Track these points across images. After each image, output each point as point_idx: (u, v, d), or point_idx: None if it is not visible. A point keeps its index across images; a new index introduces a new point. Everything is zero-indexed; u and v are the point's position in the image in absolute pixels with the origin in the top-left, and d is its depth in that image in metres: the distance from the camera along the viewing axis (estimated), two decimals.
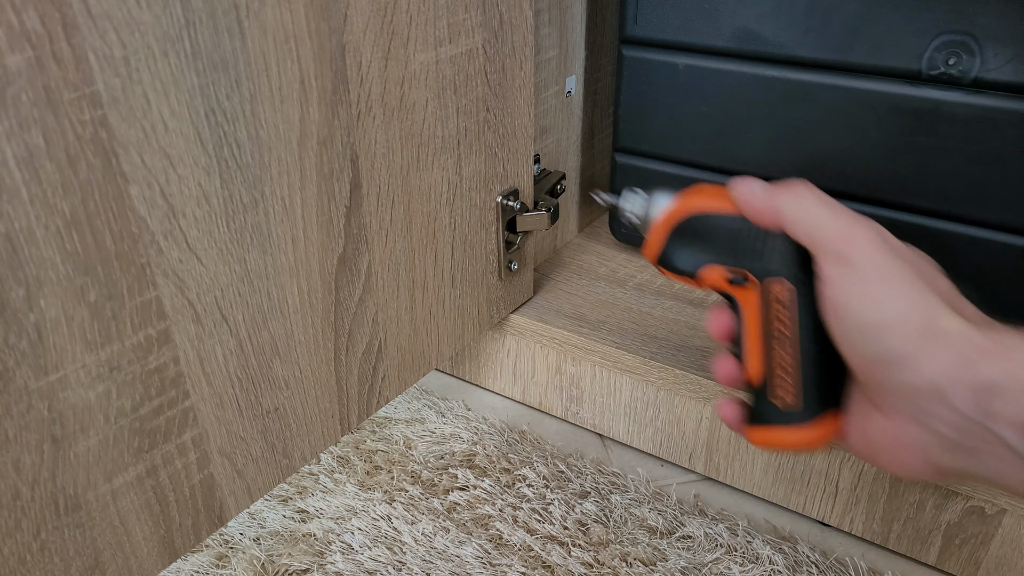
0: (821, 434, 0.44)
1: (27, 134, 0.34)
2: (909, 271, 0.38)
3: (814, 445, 0.44)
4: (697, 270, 0.48)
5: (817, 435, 0.44)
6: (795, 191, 0.43)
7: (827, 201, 0.42)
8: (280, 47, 0.43)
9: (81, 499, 0.41)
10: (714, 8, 0.66)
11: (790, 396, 0.44)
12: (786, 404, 0.45)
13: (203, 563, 0.61)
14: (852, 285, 0.39)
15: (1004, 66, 0.56)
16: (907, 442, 0.38)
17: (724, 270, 0.47)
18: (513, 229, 0.68)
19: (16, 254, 0.35)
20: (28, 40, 0.33)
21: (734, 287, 0.47)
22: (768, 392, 0.45)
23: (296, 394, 0.52)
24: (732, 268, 0.47)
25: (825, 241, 0.41)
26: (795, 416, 0.44)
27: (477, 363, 0.81)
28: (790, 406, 0.44)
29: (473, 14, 0.56)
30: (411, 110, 0.54)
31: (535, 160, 0.70)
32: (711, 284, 0.48)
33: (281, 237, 0.47)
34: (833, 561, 0.61)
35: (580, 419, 0.76)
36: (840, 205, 0.42)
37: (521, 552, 0.61)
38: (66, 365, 0.38)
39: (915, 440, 0.38)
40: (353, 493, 0.67)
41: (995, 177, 0.59)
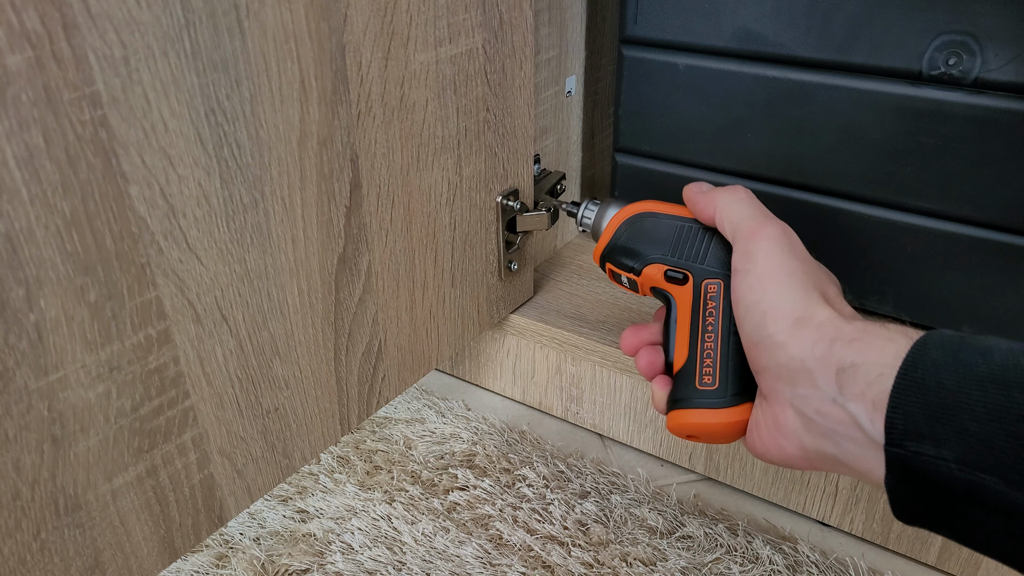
0: (736, 419, 0.47)
1: (27, 134, 0.34)
2: (799, 271, 0.43)
3: (729, 430, 0.47)
4: (642, 268, 0.53)
5: (733, 418, 0.47)
6: (731, 191, 0.49)
7: (753, 203, 0.48)
8: (280, 47, 0.43)
9: (81, 499, 0.41)
10: (714, 8, 0.65)
11: (712, 380, 0.48)
12: (708, 387, 0.48)
13: (203, 563, 0.61)
14: (749, 275, 0.44)
15: (1005, 66, 0.56)
16: (783, 425, 0.42)
17: (666, 268, 0.52)
18: (513, 229, 0.68)
19: (16, 254, 0.35)
20: (28, 40, 0.33)
21: (672, 284, 0.52)
22: (693, 378, 0.49)
23: (296, 394, 0.52)
24: (674, 266, 0.52)
25: (739, 236, 0.46)
26: (715, 399, 0.48)
27: (477, 363, 0.81)
28: (712, 388, 0.48)
29: (473, 14, 0.56)
30: (411, 110, 0.54)
31: (535, 160, 0.70)
32: (652, 282, 0.54)
33: (281, 237, 0.47)
34: (833, 561, 0.61)
35: (580, 419, 0.76)
36: (765, 209, 0.48)
37: (521, 552, 0.61)
38: (66, 365, 0.38)
39: (789, 423, 0.42)
40: (353, 493, 0.67)
41: (996, 177, 0.59)
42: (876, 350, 0.38)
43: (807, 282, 0.42)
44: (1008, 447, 0.33)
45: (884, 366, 0.37)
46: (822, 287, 0.43)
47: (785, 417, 0.42)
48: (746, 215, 0.47)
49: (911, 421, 0.35)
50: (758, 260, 0.44)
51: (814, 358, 0.39)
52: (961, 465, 0.34)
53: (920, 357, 0.36)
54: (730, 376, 0.48)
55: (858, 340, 0.39)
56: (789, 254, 0.44)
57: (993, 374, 0.34)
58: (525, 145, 0.66)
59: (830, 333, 0.40)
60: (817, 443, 0.40)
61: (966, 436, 0.34)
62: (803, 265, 0.44)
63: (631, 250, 0.54)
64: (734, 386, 0.47)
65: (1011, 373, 0.34)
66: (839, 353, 0.39)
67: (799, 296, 0.42)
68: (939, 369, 0.35)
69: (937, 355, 0.36)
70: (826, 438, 0.40)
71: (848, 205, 0.66)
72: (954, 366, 0.35)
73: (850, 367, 0.38)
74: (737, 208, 0.48)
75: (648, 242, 0.54)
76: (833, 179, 0.66)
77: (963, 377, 0.35)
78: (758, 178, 0.70)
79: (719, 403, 0.48)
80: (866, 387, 0.37)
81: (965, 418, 0.34)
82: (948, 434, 0.34)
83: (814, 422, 0.40)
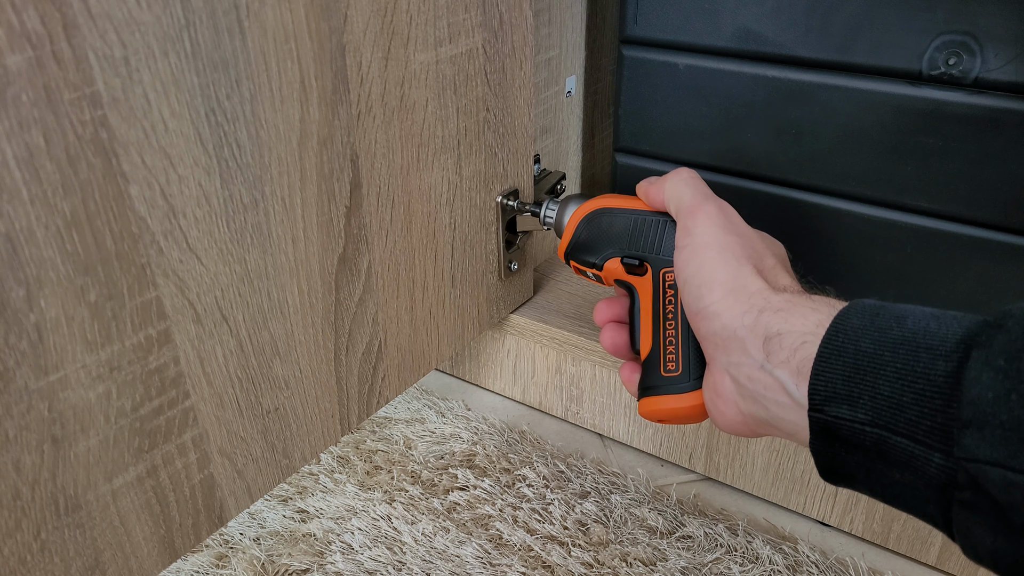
0: (701, 401, 0.49)
1: (27, 134, 0.34)
2: (734, 244, 0.45)
3: (694, 412, 0.49)
4: (603, 262, 0.56)
5: (697, 400, 0.49)
6: (675, 175, 0.51)
7: (693, 183, 0.50)
8: (280, 47, 0.43)
9: (81, 499, 0.41)
10: (714, 8, 0.65)
11: (676, 366, 0.50)
12: (672, 374, 0.50)
13: (203, 563, 0.61)
14: (686, 249, 0.47)
15: (1005, 66, 0.56)
16: (721, 392, 0.45)
17: (625, 258, 0.54)
18: (513, 229, 0.68)
19: (16, 254, 0.35)
20: (28, 40, 0.33)
21: (632, 276, 0.54)
22: (658, 365, 0.51)
23: (296, 394, 0.52)
24: (632, 258, 0.54)
25: (680, 215, 0.49)
26: (679, 384, 0.50)
27: (477, 363, 0.81)
28: (675, 375, 0.50)
29: (473, 14, 0.56)
30: (411, 110, 0.54)
31: (535, 160, 0.70)
32: (614, 275, 0.56)
33: (281, 237, 0.47)
34: (833, 561, 0.61)
35: (580, 419, 0.76)
36: (706, 188, 0.50)
37: (521, 552, 0.61)
38: (66, 365, 0.38)
39: (728, 390, 0.44)
40: (353, 493, 0.67)
41: (996, 177, 0.59)
42: (800, 318, 0.40)
43: (740, 255, 0.45)
44: (912, 404, 0.35)
45: (807, 334, 0.39)
46: (757, 259, 0.45)
47: (724, 383, 0.44)
48: (687, 195, 0.49)
49: (831, 386, 0.37)
50: (695, 235, 0.47)
51: (744, 327, 0.42)
52: (872, 424, 0.36)
53: (842, 325, 0.38)
54: (691, 360, 0.50)
55: (784, 310, 0.41)
56: (724, 229, 0.46)
57: (904, 337, 0.36)
58: (525, 145, 0.66)
59: (759, 303, 0.42)
60: (751, 408, 0.43)
61: (878, 397, 0.36)
62: (738, 239, 0.46)
63: (591, 246, 0.56)
64: (696, 369, 0.49)
65: (920, 336, 0.36)
66: (766, 322, 0.41)
67: (732, 268, 0.44)
68: (858, 335, 0.37)
69: (856, 322, 0.38)
70: (757, 403, 0.42)
71: (848, 205, 0.66)
72: (871, 331, 0.37)
73: (776, 335, 0.40)
74: (679, 189, 0.50)
75: (606, 237, 0.55)
76: (833, 179, 0.66)
77: (878, 341, 0.37)
78: (758, 178, 0.70)
79: (683, 388, 0.49)
80: (791, 354, 0.39)
81: (878, 380, 0.36)
82: (863, 396, 0.36)
83: (746, 388, 0.42)
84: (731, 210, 0.48)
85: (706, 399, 0.47)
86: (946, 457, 0.34)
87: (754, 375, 0.42)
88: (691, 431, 0.68)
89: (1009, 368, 0.33)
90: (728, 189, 0.72)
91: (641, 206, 0.54)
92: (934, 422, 0.34)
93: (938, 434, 0.34)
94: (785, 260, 0.49)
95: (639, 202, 0.55)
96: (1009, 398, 0.32)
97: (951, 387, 0.34)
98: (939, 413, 0.34)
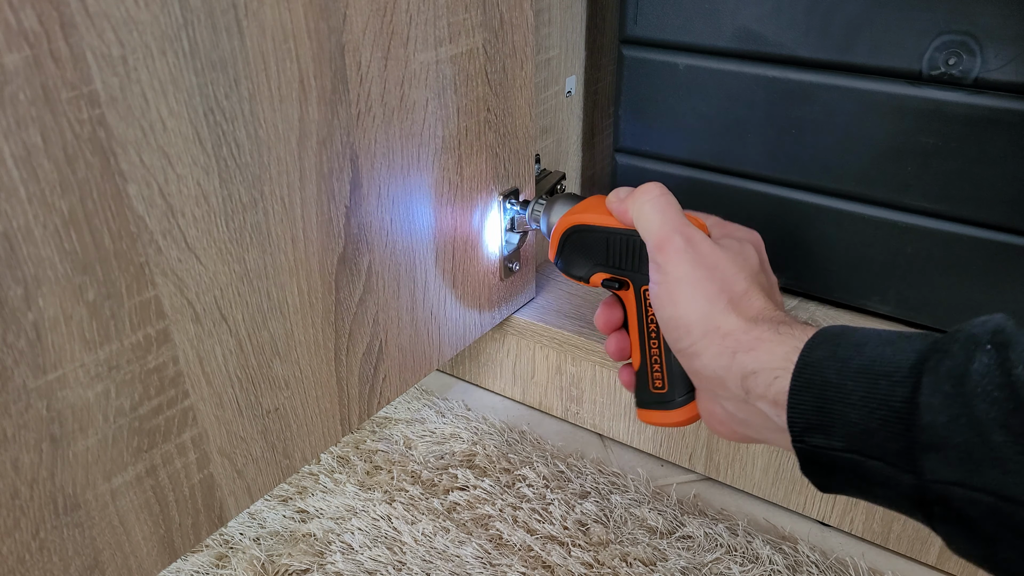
0: (689, 415, 0.51)
1: (25, 133, 0.34)
2: (703, 280, 0.46)
3: (684, 423, 0.51)
4: (588, 277, 0.55)
5: (686, 416, 0.51)
6: (640, 195, 0.50)
7: (662, 206, 0.49)
8: (279, 46, 0.43)
9: (80, 498, 0.41)
10: (714, 8, 0.65)
11: (662, 384, 0.52)
12: (660, 391, 0.52)
13: (203, 563, 0.61)
14: (662, 289, 0.47)
15: (1005, 66, 0.56)
16: (715, 415, 0.47)
17: (606, 276, 0.54)
18: (514, 229, 0.68)
19: (14, 252, 0.35)
20: (26, 39, 0.33)
21: (617, 290, 0.54)
22: (647, 381, 0.53)
23: (296, 394, 0.52)
24: (612, 274, 0.54)
25: (649, 246, 0.48)
26: (668, 401, 0.52)
27: (477, 363, 0.80)
28: (662, 392, 0.52)
29: (473, 14, 0.56)
30: (411, 110, 0.54)
31: (535, 160, 0.70)
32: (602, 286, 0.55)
33: (281, 237, 0.47)
34: (833, 561, 0.61)
35: (580, 419, 0.75)
36: (673, 210, 0.48)
37: (521, 552, 0.61)
38: (65, 364, 0.38)
39: (719, 414, 0.47)
40: (353, 493, 0.67)
41: (996, 177, 0.59)
42: (768, 355, 0.42)
43: (711, 291, 0.45)
44: (878, 430, 0.37)
45: (777, 369, 0.41)
46: (728, 289, 0.45)
47: (715, 409, 0.47)
48: (653, 224, 0.48)
49: (805, 418, 0.39)
50: (667, 272, 0.47)
51: (723, 368, 0.44)
52: (848, 451, 0.38)
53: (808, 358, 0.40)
54: (675, 379, 0.51)
55: (755, 349, 0.43)
56: (692, 264, 0.46)
57: (864, 365, 0.38)
58: (526, 145, 0.66)
59: (731, 345, 0.43)
60: (744, 429, 0.45)
61: (848, 425, 0.38)
62: (707, 272, 0.46)
63: (575, 261, 0.56)
64: (682, 387, 0.51)
65: (878, 364, 0.38)
66: (740, 362, 0.43)
67: (704, 309, 0.45)
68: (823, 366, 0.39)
69: (821, 353, 0.40)
70: (748, 427, 0.45)
71: (848, 205, 0.66)
72: (834, 361, 0.39)
73: (751, 374, 0.42)
74: (645, 216, 0.49)
75: (587, 254, 0.55)
76: (833, 179, 0.66)
77: (841, 371, 0.39)
78: (758, 178, 0.70)
79: (671, 405, 0.51)
80: (766, 389, 0.42)
81: (846, 409, 0.38)
82: (835, 424, 0.38)
83: (736, 416, 0.45)
84: (698, 237, 0.47)
85: (702, 415, 0.49)
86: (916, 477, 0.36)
87: (740, 407, 0.44)
88: (691, 431, 0.68)
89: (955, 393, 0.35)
90: (728, 189, 0.72)
91: (616, 222, 0.53)
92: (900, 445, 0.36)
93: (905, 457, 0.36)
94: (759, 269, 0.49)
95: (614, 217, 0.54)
96: (959, 421, 0.34)
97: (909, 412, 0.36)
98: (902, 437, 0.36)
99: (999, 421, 0.33)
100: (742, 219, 0.70)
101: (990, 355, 0.35)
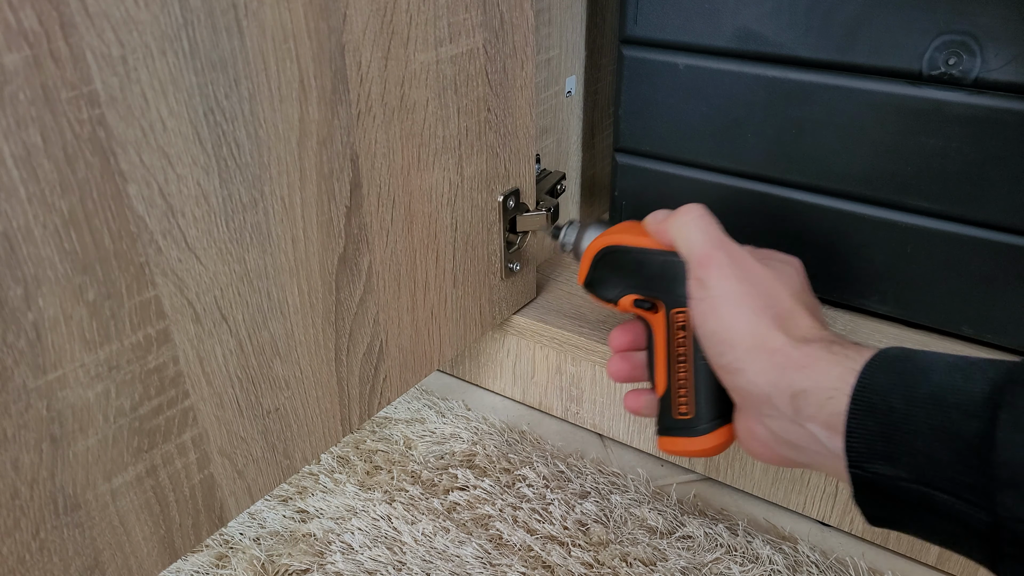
0: (715, 443, 0.50)
1: (25, 133, 0.34)
2: (749, 295, 0.45)
3: (709, 453, 0.50)
4: (617, 299, 0.55)
5: (712, 444, 0.50)
6: (682, 215, 0.50)
7: (702, 225, 0.49)
8: (279, 46, 0.43)
9: (80, 499, 0.41)
10: (714, 8, 0.65)
11: (688, 410, 0.51)
12: (684, 417, 0.51)
13: (203, 563, 0.61)
14: (705, 304, 0.46)
15: (1005, 66, 0.56)
16: (758, 436, 0.45)
17: (637, 298, 0.54)
18: (514, 229, 0.68)
19: (14, 252, 0.35)
20: (25, 39, 0.33)
21: (646, 312, 0.54)
22: (672, 407, 0.52)
23: (297, 394, 0.52)
24: (643, 296, 0.53)
25: (691, 263, 0.48)
26: (692, 427, 0.50)
27: (477, 363, 0.80)
28: (688, 418, 0.50)
29: (473, 14, 0.56)
30: (411, 110, 0.54)
31: (535, 160, 0.70)
32: (630, 310, 0.55)
33: (281, 237, 0.47)
34: (833, 561, 0.61)
35: (580, 419, 0.75)
36: (715, 229, 0.48)
37: (521, 552, 0.61)
38: (65, 364, 0.38)
39: (762, 435, 0.45)
40: (353, 493, 0.67)
41: (996, 177, 0.59)
42: (822, 374, 0.41)
43: (757, 306, 0.45)
44: (951, 463, 0.35)
45: (831, 389, 0.40)
46: (774, 306, 0.45)
47: (758, 430, 0.45)
48: (696, 241, 0.48)
49: (867, 444, 0.38)
50: (710, 288, 0.46)
51: (770, 384, 0.42)
52: (914, 481, 0.37)
53: (868, 381, 0.39)
54: (703, 404, 0.50)
55: (806, 367, 0.41)
56: (737, 279, 0.46)
57: (933, 394, 0.37)
58: (527, 145, 0.66)
59: (780, 361, 0.42)
60: (788, 452, 0.44)
61: (916, 455, 0.36)
62: (752, 288, 0.45)
63: (605, 283, 0.56)
64: (708, 413, 0.50)
65: (949, 393, 0.36)
66: (790, 379, 0.42)
67: (750, 323, 0.44)
68: (887, 391, 0.38)
69: (883, 378, 0.39)
70: (794, 449, 0.43)
71: (848, 205, 0.66)
72: (900, 387, 0.38)
73: (801, 392, 0.41)
74: (687, 233, 0.49)
75: (619, 275, 0.55)
76: (833, 179, 0.66)
77: (908, 398, 0.37)
78: (758, 178, 0.70)
79: (697, 431, 0.50)
80: (818, 409, 0.40)
81: (913, 438, 0.37)
82: (900, 453, 0.37)
83: (781, 437, 0.43)
84: (742, 254, 0.47)
85: (740, 438, 0.48)
86: (991, 515, 0.34)
87: (787, 427, 0.42)
88: None
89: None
90: (728, 189, 0.71)
91: (652, 243, 0.53)
92: (974, 480, 0.35)
93: (979, 492, 0.34)
94: (802, 289, 0.48)
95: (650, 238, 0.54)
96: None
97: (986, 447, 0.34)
98: (977, 472, 0.34)
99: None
100: (742, 219, 0.70)
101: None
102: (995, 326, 0.64)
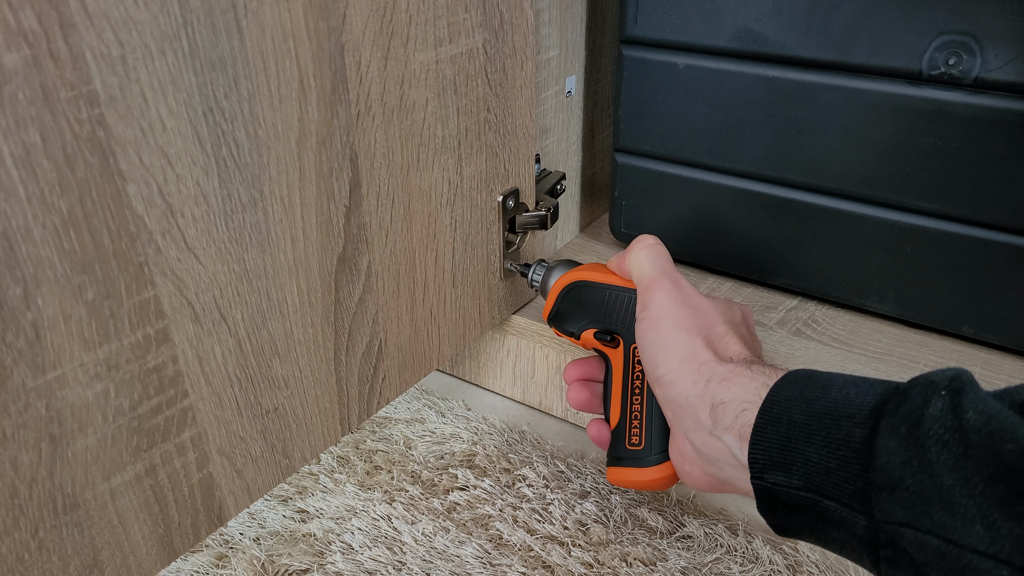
0: (662, 475, 0.53)
1: (24, 132, 0.34)
2: (687, 317, 0.50)
3: (656, 484, 0.53)
4: (580, 332, 0.59)
5: (659, 476, 0.53)
6: (636, 244, 0.55)
7: (653, 254, 0.54)
8: (278, 46, 0.43)
9: (79, 498, 0.41)
10: (714, 8, 0.65)
11: (639, 440, 0.54)
12: (635, 448, 0.54)
13: (203, 563, 0.61)
14: (646, 323, 0.51)
15: (1005, 66, 0.56)
16: (686, 455, 0.48)
17: (598, 331, 0.57)
18: (513, 229, 0.68)
19: (13, 252, 0.35)
20: (25, 39, 0.33)
21: (605, 346, 0.57)
22: (623, 438, 0.55)
23: (296, 394, 0.52)
24: (605, 329, 0.57)
25: (639, 287, 0.53)
26: (642, 458, 0.53)
27: (477, 363, 0.81)
28: (638, 449, 0.54)
29: (473, 14, 0.56)
30: (411, 110, 0.54)
31: (535, 160, 0.70)
32: (590, 344, 0.59)
33: (280, 236, 0.47)
34: (833, 561, 0.61)
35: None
36: (664, 259, 0.54)
37: (521, 552, 0.61)
38: (64, 364, 0.38)
39: (688, 452, 0.48)
40: (353, 493, 0.67)
41: (996, 177, 0.59)
42: (740, 387, 0.44)
43: (691, 326, 0.49)
44: (837, 470, 0.38)
45: (746, 402, 0.43)
46: (707, 329, 0.49)
47: (686, 447, 0.48)
48: (645, 269, 0.53)
49: (767, 454, 0.41)
50: (651, 308, 0.51)
51: (695, 395, 0.46)
52: (805, 489, 0.39)
53: (776, 396, 0.41)
54: (654, 436, 0.53)
55: (727, 380, 0.45)
56: (677, 303, 0.51)
57: (828, 407, 0.39)
58: (526, 145, 0.66)
59: (706, 374, 0.46)
60: (710, 469, 0.47)
61: (808, 464, 0.39)
62: (690, 312, 0.50)
63: (569, 316, 0.59)
64: (658, 445, 0.53)
65: (841, 405, 0.39)
66: (712, 391, 0.45)
67: (683, 340, 0.49)
68: (790, 405, 0.41)
69: (789, 392, 0.41)
70: (713, 465, 0.46)
71: (848, 205, 0.66)
72: (801, 401, 0.40)
73: (720, 404, 0.44)
74: (639, 262, 0.54)
75: (583, 309, 0.58)
76: (833, 179, 0.66)
77: (807, 411, 0.40)
78: (758, 178, 0.70)
79: (645, 462, 0.53)
80: (733, 420, 0.43)
81: (808, 448, 0.39)
82: (796, 463, 0.39)
83: (702, 452, 0.46)
84: (685, 284, 0.52)
85: (673, 461, 0.51)
86: (868, 519, 0.37)
87: (707, 440, 0.45)
88: None
89: (911, 435, 0.35)
90: (728, 189, 0.72)
91: (618, 280, 0.57)
92: (856, 486, 0.37)
93: (860, 497, 0.37)
94: (741, 323, 0.53)
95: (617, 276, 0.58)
96: (912, 464, 0.35)
97: (867, 453, 0.37)
98: (859, 478, 0.37)
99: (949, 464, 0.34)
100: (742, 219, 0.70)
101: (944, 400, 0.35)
102: (995, 326, 0.64)
